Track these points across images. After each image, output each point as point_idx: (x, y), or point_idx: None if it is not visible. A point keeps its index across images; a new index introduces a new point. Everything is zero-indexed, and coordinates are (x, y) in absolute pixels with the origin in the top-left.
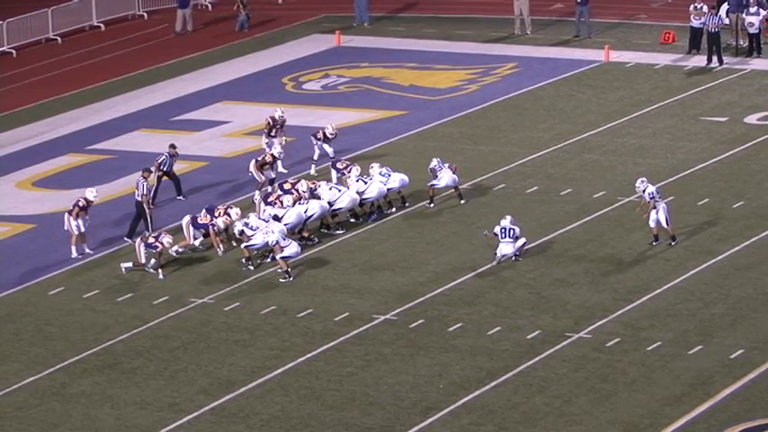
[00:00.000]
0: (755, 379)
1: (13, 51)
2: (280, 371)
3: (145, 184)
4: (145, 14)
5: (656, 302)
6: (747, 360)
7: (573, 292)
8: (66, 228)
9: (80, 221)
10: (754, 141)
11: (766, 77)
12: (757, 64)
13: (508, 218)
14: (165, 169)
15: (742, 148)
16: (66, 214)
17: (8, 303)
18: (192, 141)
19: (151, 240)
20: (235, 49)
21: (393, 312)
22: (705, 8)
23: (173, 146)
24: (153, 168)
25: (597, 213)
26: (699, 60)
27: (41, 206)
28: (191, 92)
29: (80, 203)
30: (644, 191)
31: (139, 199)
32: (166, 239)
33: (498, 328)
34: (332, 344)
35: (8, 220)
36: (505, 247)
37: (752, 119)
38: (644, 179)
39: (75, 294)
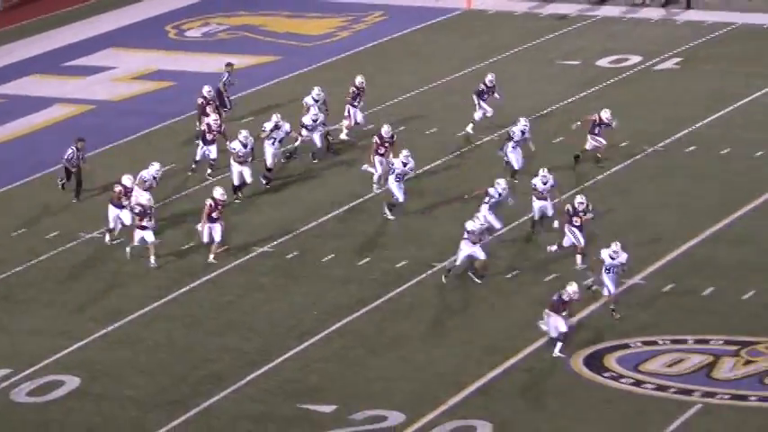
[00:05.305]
0: None
1: None
2: (164, 300)
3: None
4: None
5: None
6: None
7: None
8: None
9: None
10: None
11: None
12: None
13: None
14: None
15: (593, 90)
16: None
17: None
18: (80, 87)
19: None
20: None
21: (270, 245)
22: None
23: (229, 64)
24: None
25: (460, 151)
26: (555, 8)
27: None
28: (82, 38)
29: (117, 189)
30: (545, 182)
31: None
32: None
33: (368, 259)
34: (212, 275)
35: None
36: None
37: (603, 62)
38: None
39: None
